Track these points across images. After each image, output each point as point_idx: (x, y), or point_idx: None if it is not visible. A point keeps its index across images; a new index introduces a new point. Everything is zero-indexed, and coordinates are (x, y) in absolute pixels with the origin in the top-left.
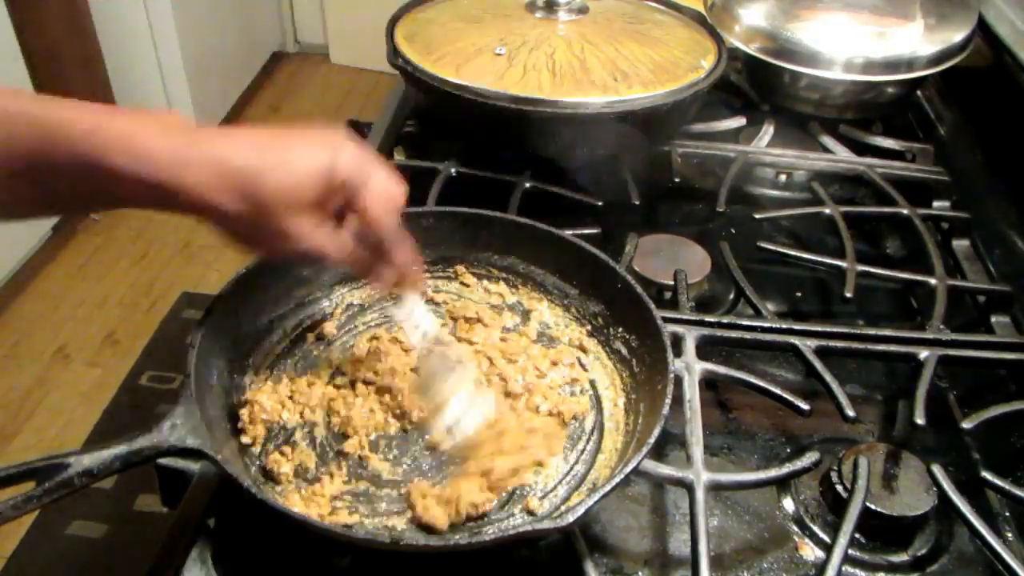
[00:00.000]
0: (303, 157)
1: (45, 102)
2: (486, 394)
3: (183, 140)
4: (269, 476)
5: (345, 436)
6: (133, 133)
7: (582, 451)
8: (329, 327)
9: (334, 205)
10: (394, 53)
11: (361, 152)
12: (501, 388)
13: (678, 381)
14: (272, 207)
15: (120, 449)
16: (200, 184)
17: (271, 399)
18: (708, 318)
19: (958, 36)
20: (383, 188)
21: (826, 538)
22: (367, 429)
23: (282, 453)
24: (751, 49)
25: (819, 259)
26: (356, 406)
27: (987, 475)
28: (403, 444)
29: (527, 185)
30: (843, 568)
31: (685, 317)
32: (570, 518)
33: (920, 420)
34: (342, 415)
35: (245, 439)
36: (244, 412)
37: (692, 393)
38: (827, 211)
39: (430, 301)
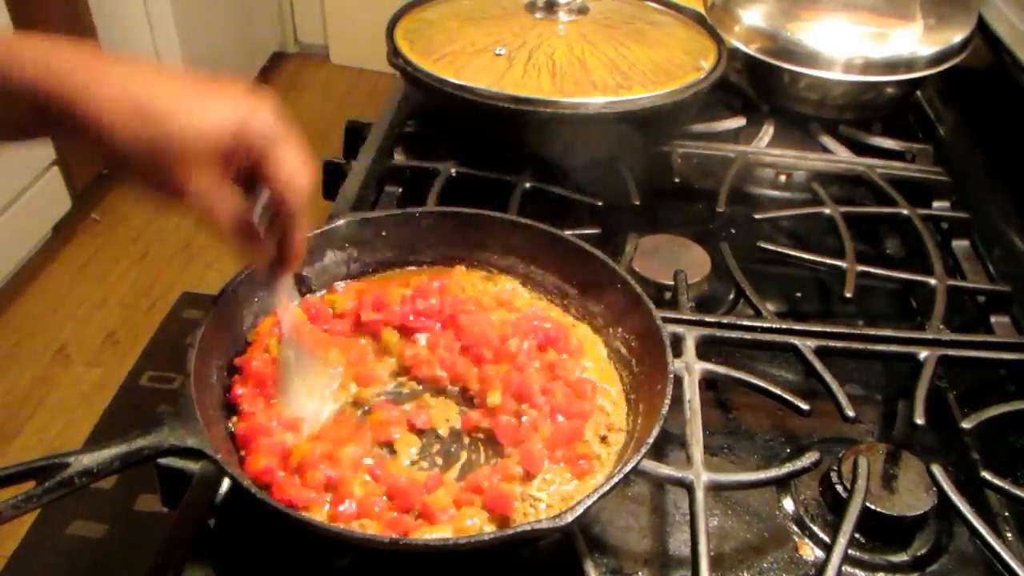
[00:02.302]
0: (216, 107)
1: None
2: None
3: (101, 65)
4: None
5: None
6: (39, 51)
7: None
8: None
9: (235, 168)
10: (394, 53)
11: (278, 118)
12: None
13: (678, 381)
14: (172, 150)
15: (120, 449)
16: (106, 111)
17: None
18: (708, 318)
19: (958, 36)
20: (293, 157)
21: (826, 538)
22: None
23: None
24: (751, 49)
25: (819, 259)
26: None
27: (987, 475)
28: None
29: (527, 185)
30: (843, 568)
31: (685, 317)
32: (570, 518)
33: (920, 420)
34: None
35: None
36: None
37: (692, 393)
38: (827, 211)
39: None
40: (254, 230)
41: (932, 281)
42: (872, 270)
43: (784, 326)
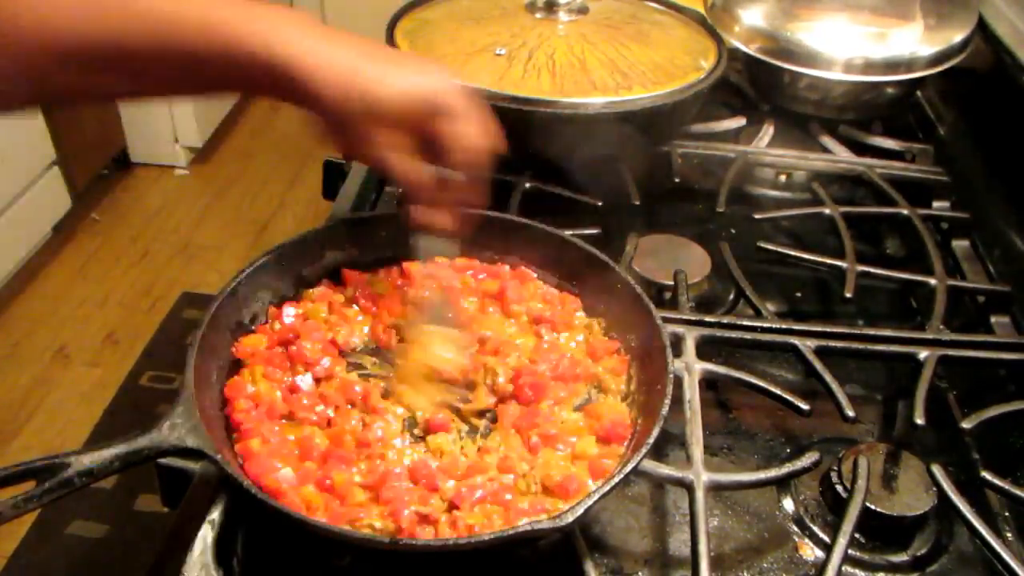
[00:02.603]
0: (412, 79)
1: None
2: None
3: (318, 43)
4: None
5: None
6: (271, 29)
7: None
8: None
9: (426, 131)
10: None
11: (465, 91)
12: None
13: (678, 381)
14: (372, 113)
15: (120, 449)
16: (319, 79)
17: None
18: (708, 318)
19: (958, 36)
20: (472, 129)
21: (826, 538)
22: None
23: None
24: (751, 49)
25: (819, 259)
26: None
27: (987, 475)
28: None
29: (527, 185)
30: (843, 568)
31: (685, 317)
32: (570, 518)
33: (920, 420)
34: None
35: None
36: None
37: (692, 393)
38: (827, 211)
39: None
40: (434, 189)
41: (932, 281)
42: (872, 270)
43: (784, 326)
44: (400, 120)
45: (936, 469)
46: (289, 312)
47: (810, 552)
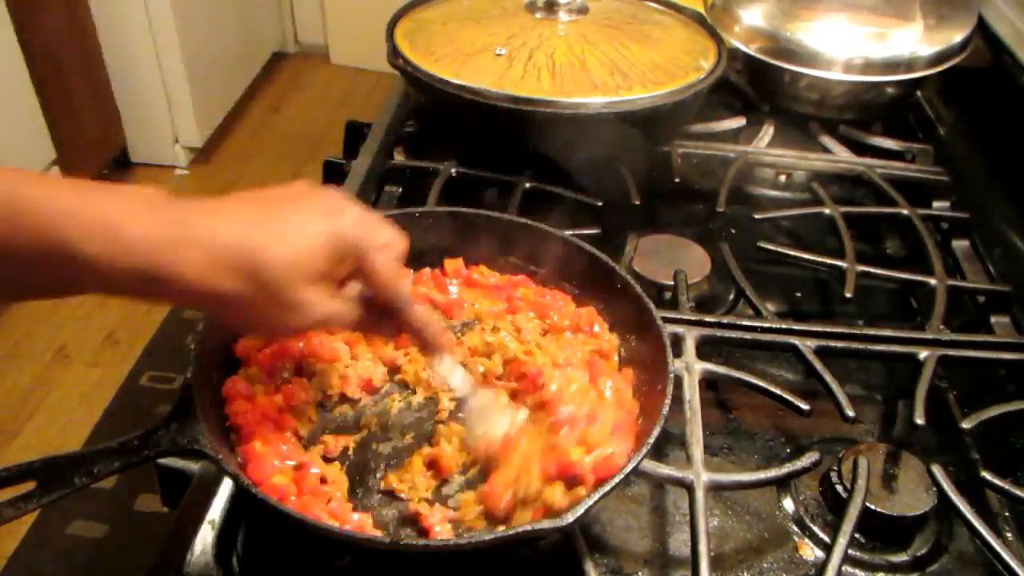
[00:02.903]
0: (304, 227)
1: (7, 174)
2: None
3: (168, 220)
4: None
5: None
6: (110, 218)
7: None
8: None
9: (339, 272)
10: (394, 53)
11: (362, 213)
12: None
13: (678, 381)
14: (278, 284)
15: (120, 449)
16: (194, 269)
17: None
18: (708, 318)
19: (958, 36)
20: (389, 249)
21: (826, 538)
22: None
23: None
24: (751, 49)
25: (819, 259)
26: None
27: (987, 475)
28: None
29: (527, 185)
30: (843, 568)
31: (685, 317)
32: (570, 518)
33: (920, 420)
34: None
35: None
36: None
37: (692, 393)
38: (827, 211)
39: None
40: (373, 322)
41: (932, 281)
42: (872, 270)
43: (784, 326)
44: (307, 278)
45: (936, 469)
46: None
47: (810, 552)
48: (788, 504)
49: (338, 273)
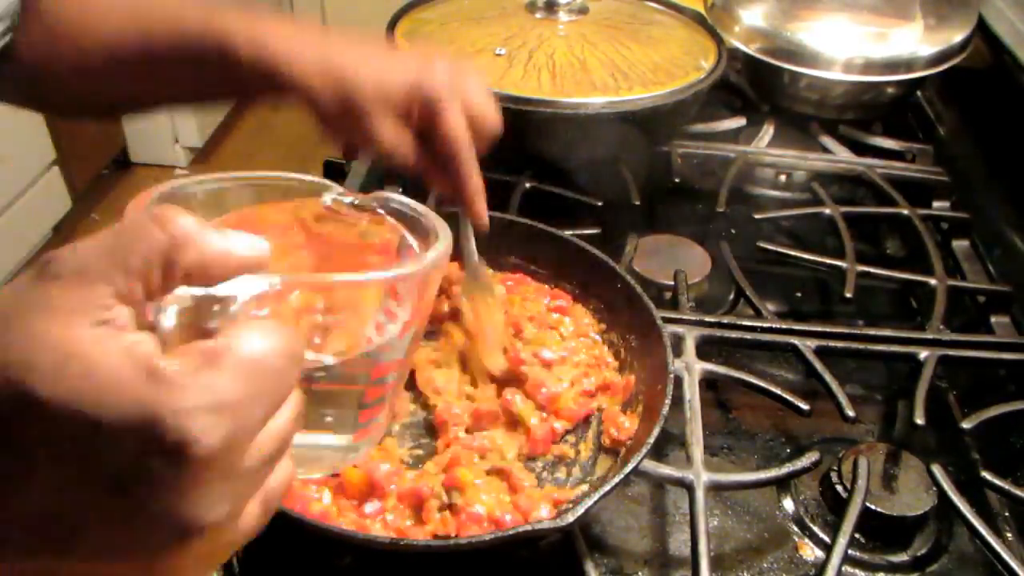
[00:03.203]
0: (398, 66)
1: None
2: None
3: (300, 37)
4: None
5: None
6: (255, 25)
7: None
8: None
9: (417, 118)
10: None
11: (457, 71)
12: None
13: (678, 381)
14: (361, 103)
15: None
16: (305, 75)
17: None
18: (708, 318)
19: (958, 36)
20: (459, 114)
21: (826, 538)
22: None
23: None
24: (751, 49)
25: (819, 259)
26: None
27: (987, 475)
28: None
29: (527, 185)
30: (843, 568)
31: (685, 317)
32: (570, 518)
33: (920, 420)
34: None
35: None
36: None
37: (692, 393)
38: (827, 211)
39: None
40: (431, 168)
41: (932, 281)
42: (872, 270)
43: (784, 326)
44: (387, 105)
45: (936, 469)
46: None
47: (810, 552)
48: (788, 504)
49: (414, 112)
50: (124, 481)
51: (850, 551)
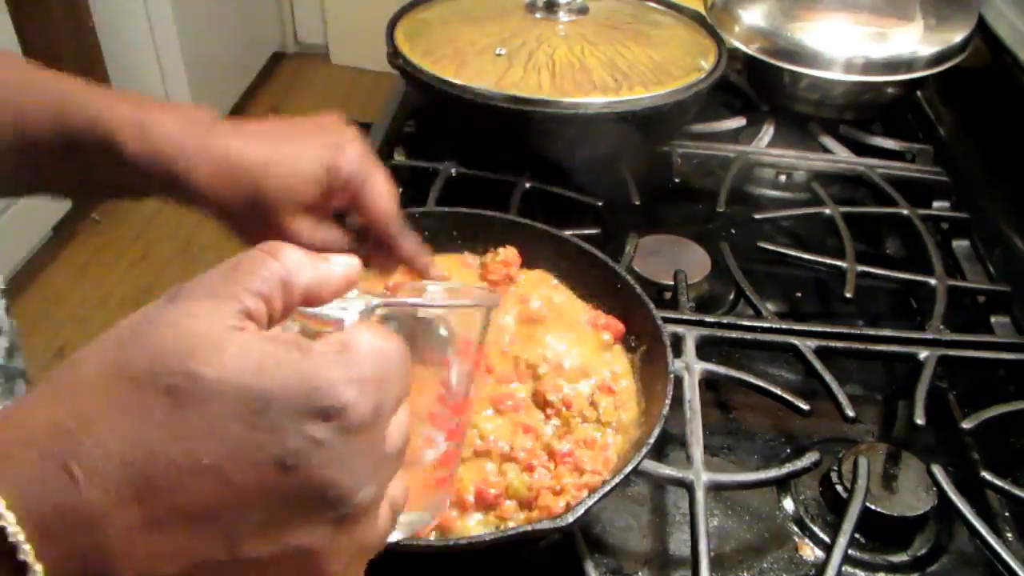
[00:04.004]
0: (307, 155)
1: (51, 75)
2: None
3: (196, 133)
4: None
5: None
6: (146, 120)
7: None
8: None
9: (335, 205)
10: (394, 53)
11: (363, 149)
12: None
13: (678, 381)
14: (274, 205)
15: None
16: (204, 174)
17: None
18: (708, 318)
19: (958, 36)
20: (385, 185)
21: (826, 538)
22: None
23: None
24: (751, 49)
25: (819, 259)
26: None
27: (987, 475)
28: None
29: (527, 185)
30: (843, 568)
31: (685, 317)
32: (570, 518)
33: (920, 420)
34: None
35: None
36: None
37: (692, 393)
38: (827, 211)
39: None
40: (361, 247)
41: (932, 281)
42: (872, 270)
43: (784, 326)
44: (301, 202)
45: (936, 469)
46: None
47: (810, 552)
48: (788, 504)
49: (332, 203)
50: (289, 456)
51: (850, 551)
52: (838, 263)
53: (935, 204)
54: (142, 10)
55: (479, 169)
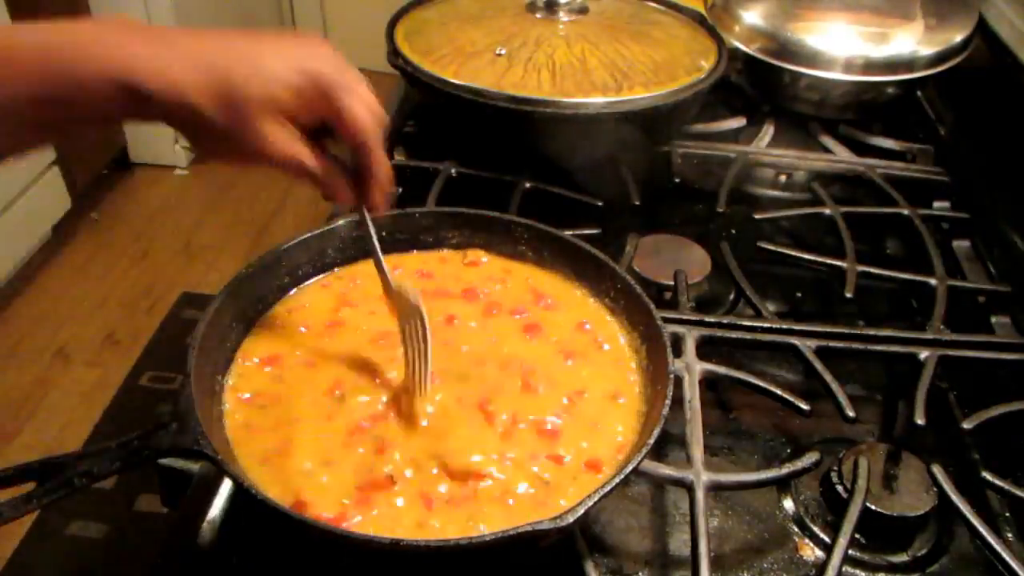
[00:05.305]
0: (280, 59)
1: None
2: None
3: (160, 40)
4: None
5: None
6: (100, 34)
7: None
8: None
9: (311, 115)
10: (394, 53)
11: (341, 60)
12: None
13: (678, 381)
14: (249, 109)
15: (120, 450)
16: (179, 83)
17: None
18: (708, 318)
19: (958, 36)
20: (365, 95)
21: (826, 538)
22: None
23: None
24: (751, 49)
25: (819, 259)
26: None
27: (987, 475)
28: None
29: (527, 185)
30: (843, 568)
31: (685, 317)
32: (570, 518)
33: (920, 420)
34: None
35: None
36: None
37: (692, 393)
38: (827, 211)
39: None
40: (336, 169)
41: (932, 281)
42: (872, 270)
43: (784, 326)
44: (276, 104)
45: (936, 469)
46: None
47: (810, 552)
48: (788, 504)
49: (308, 112)
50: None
51: (850, 551)
52: (838, 263)
53: (935, 204)
54: (142, 10)
55: (479, 169)
